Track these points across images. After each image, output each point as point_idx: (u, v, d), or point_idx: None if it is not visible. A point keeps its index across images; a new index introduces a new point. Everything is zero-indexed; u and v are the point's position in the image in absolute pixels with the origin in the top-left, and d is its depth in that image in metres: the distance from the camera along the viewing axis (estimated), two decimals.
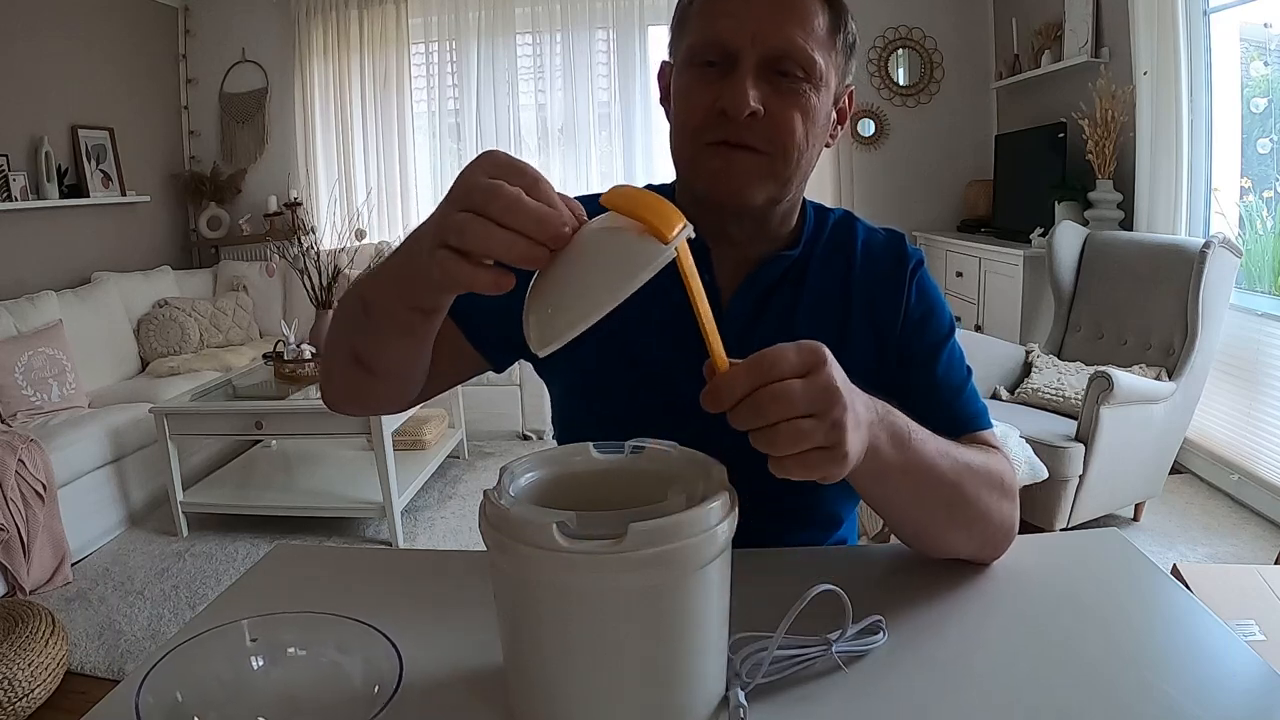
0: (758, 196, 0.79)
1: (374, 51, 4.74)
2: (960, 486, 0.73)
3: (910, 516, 0.76)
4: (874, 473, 0.64)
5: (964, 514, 0.75)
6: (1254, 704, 0.60)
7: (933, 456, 0.70)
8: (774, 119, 0.76)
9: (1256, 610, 1.60)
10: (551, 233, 0.51)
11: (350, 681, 0.56)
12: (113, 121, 4.28)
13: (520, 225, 0.50)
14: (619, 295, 0.48)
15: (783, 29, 0.75)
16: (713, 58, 0.76)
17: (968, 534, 0.77)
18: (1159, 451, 2.70)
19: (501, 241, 0.51)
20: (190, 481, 3.13)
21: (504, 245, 0.51)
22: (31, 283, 3.64)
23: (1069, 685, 0.61)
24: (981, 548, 0.79)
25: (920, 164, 4.66)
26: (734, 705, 0.56)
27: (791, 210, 0.86)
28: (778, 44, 0.74)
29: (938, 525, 0.76)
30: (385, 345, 0.71)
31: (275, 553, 0.89)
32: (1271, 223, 2.97)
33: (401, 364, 0.74)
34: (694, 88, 0.78)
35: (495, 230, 0.50)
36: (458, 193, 0.53)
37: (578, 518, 0.50)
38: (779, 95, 0.76)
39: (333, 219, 4.53)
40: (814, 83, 0.76)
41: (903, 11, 4.56)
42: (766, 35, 0.74)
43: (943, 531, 0.77)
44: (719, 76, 0.76)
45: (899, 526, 0.79)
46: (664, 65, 0.86)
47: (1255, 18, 2.95)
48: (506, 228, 0.50)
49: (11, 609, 2.14)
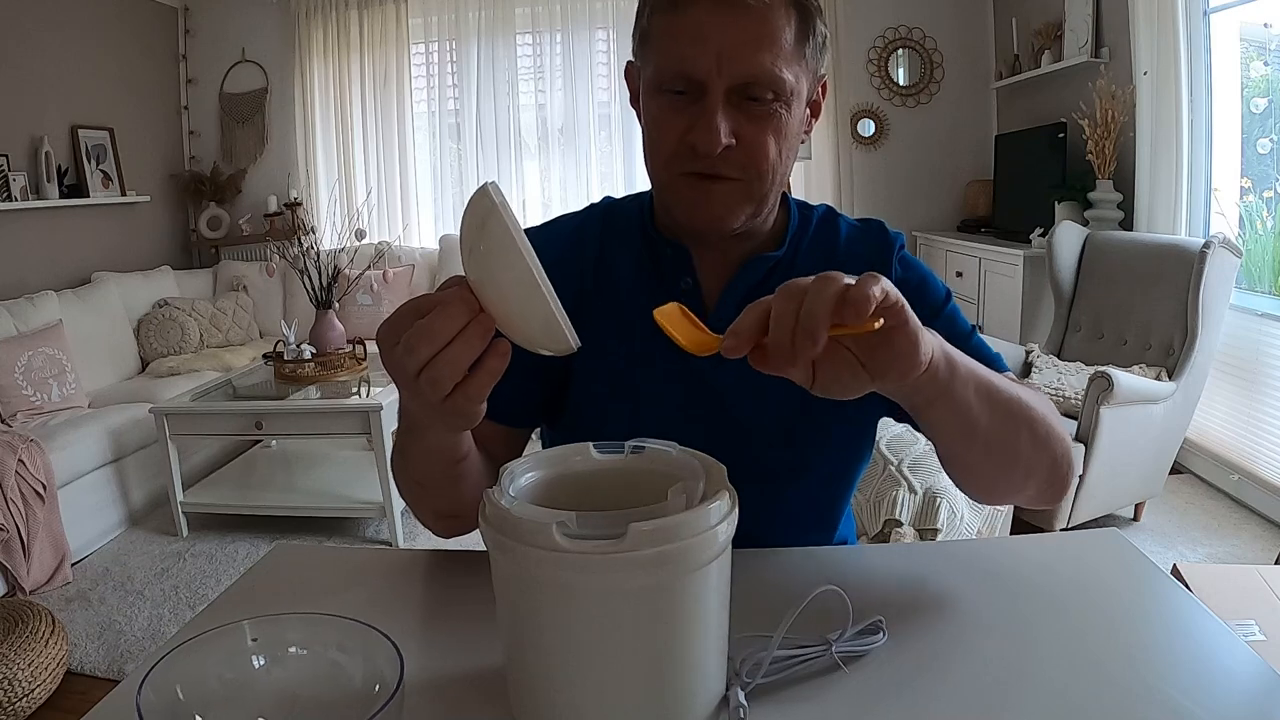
0: (736, 221, 0.79)
1: (374, 51, 4.74)
2: (1020, 400, 0.70)
3: (983, 438, 0.69)
4: (940, 388, 0.62)
5: (1028, 428, 0.71)
6: (1254, 704, 0.60)
7: (983, 370, 0.67)
8: (747, 146, 0.74)
9: (1256, 610, 1.60)
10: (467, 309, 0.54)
11: (351, 681, 0.56)
12: (113, 121, 4.28)
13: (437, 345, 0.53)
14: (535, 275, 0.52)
15: (750, 56, 0.71)
16: (680, 86, 0.74)
17: (1038, 448, 0.73)
18: (1159, 451, 2.70)
19: (432, 367, 0.54)
20: (190, 481, 3.13)
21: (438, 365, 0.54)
22: (31, 283, 3.64)
23: (1069, 685, 0.61)
24: (1054, 468, 0.75)
25: (920, 164, 4.66)
26: (734, 705, 0.56)
27: (772, 210, 0.85)
28: (746, 71, 0.72)
29: (1010, 443, 0.71)
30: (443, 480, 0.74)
31: (275, 553, 0.89)
32: (1271, 223, 2.97)
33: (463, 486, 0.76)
34: (663, 117, 0.76)
35: (424, 356, 0.54)
36: (397, 378, 0.57)
37: (578, 518, 0.50)
38: (751, 121, 0.74)
39: (333, 219, 4.53)
40: (785, 100, 0.74)
41: (903, 11, 4.56)
42: (733, 63, 0.71)
43: (1016, 449, 0.72)
44: (688, 104, 0.74)
45: (971, 458, 0.73)
46: (630, 66, 0.84)
47: (1255, 18, 2.95)
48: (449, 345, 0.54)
49: (11, 609, 2.14)
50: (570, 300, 0.85)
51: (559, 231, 0.91)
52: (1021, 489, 0.77)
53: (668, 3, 0.74)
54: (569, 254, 0.88)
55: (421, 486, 0.77)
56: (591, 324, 0.86)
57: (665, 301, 0.58)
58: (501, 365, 0.55)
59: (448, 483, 0.74)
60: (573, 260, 0.88)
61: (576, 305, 0.85)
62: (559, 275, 0.85)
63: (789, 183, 0.96)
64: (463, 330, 0.53)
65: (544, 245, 0.66)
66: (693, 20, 0.72)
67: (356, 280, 3.91)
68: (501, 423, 0.86)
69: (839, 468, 0.91)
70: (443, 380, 0.54)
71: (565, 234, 0.91)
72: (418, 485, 0.77)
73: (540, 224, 0.94)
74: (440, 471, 0.73)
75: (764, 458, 0.84)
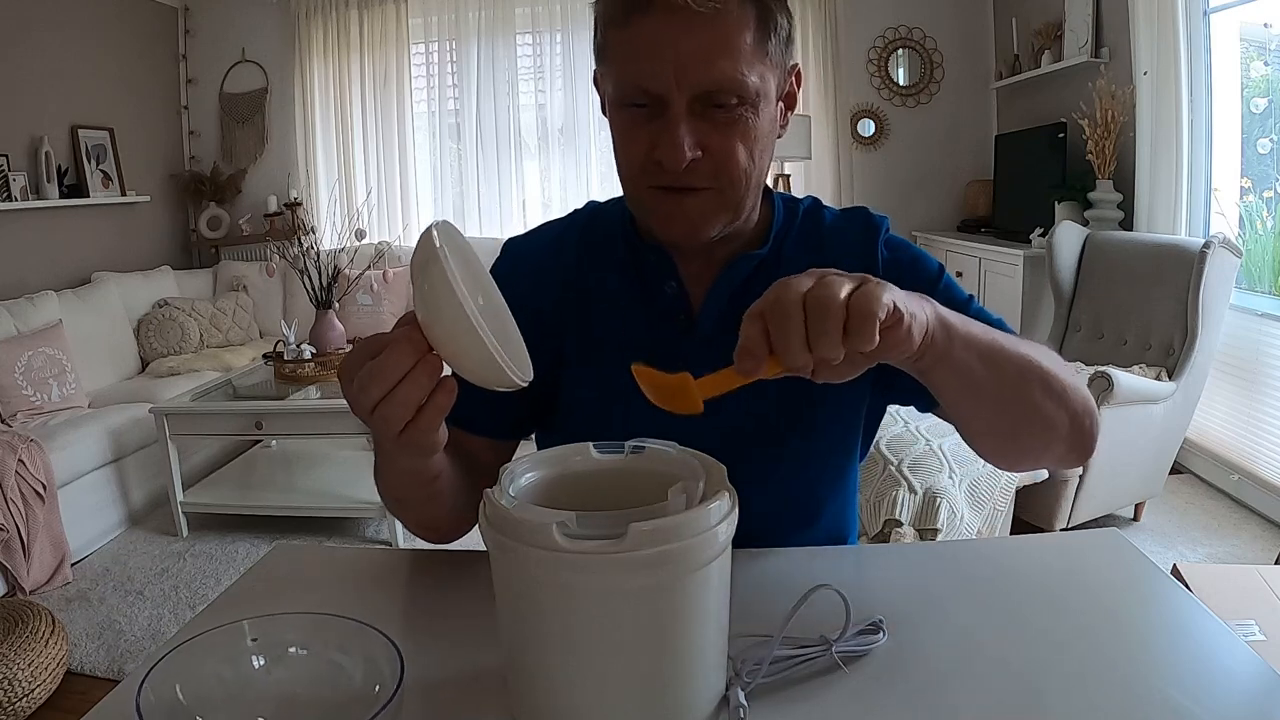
0: (713, 230, 0.78)
1: (374, 51, 4.74)
2: (1025, 353, 0.69)
3: (995, 397, 0.69)
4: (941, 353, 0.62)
5: (1042, 382, 0.70)
6: (1254, 704, 0.60)
7: (985, 329, 0.66)
8: (715, 156, 0.73)
9: (1256, 610, 1.60)
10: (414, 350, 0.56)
11: (351, 681, 0.56)
12: (113, 121, 4.28)
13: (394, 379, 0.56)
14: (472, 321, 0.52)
15: (709, 64, 0.69)
16: (640, 100, 0.72)
17: (1057, 402, 0.71)
18: (1159, 451, 2.70)
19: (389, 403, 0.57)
20: (190, 481, 3.13)
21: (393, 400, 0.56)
22: (31, 283, 3.64)
23: (1069, 685, 0.61)
24: (1074, 420, 0.73)
25: (920, 164, 4.66)
26: (734, 705, 0.56)
27: (753, 210, 0.83)
28: (706, 81, 0.69)
29: (1024, 401, 0.70)
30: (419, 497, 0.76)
31: (275, 553, 0.89)
32: (1271, 223, 2.97)
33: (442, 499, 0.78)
34: (628, 132, 0.75)
35: (377, 395, 0.56)
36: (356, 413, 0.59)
37: (578, 518, 0.50)
38: (717, 130, 0.72)
39: (333, 219, 4.52)
40: (751, 103, 0.72)
41: (903, 11, 4.56)
42: (692, 74, 0.69)
43: (1031, 406, 0.70)
44: (650, 118, 0.72)
45: (985, 419, 0.73)
46: (597, 74, 0.81)
47: (1255, 18, 2.95)
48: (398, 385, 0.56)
49: (11, 609, 2.14)
50: (549, 308, 0.85)
51: (541, 240, 0.92)
52: (1046, 449, 0.76)
53: (620, 16, 0.72)
54: (548, 262, 0.89)
55: (400, 503, 0.80)
56: (574, 331, 0.86)
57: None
58: (448, 402, 0.58)
59: (423, 500, 0.77)
60: (552, 269, 0.88)
61: (556, 314, 0.86)
62: (537, 285, 0.85)
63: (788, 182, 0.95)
64: (411, 371, 0.56)
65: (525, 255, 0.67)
66: (646, 33, 0.70)
67: (356, 280, 3.90)
68: (488, 437, 0.87)
69: (823, 460, 0.89)
70: (394, 419, 0.57)
71: (546, 242, 0.91)
72: (396, 502, 0.79)
73: (526, 231, 0.94)
74: (415, 490, 0.75)
75: (764, 457, 0.84)
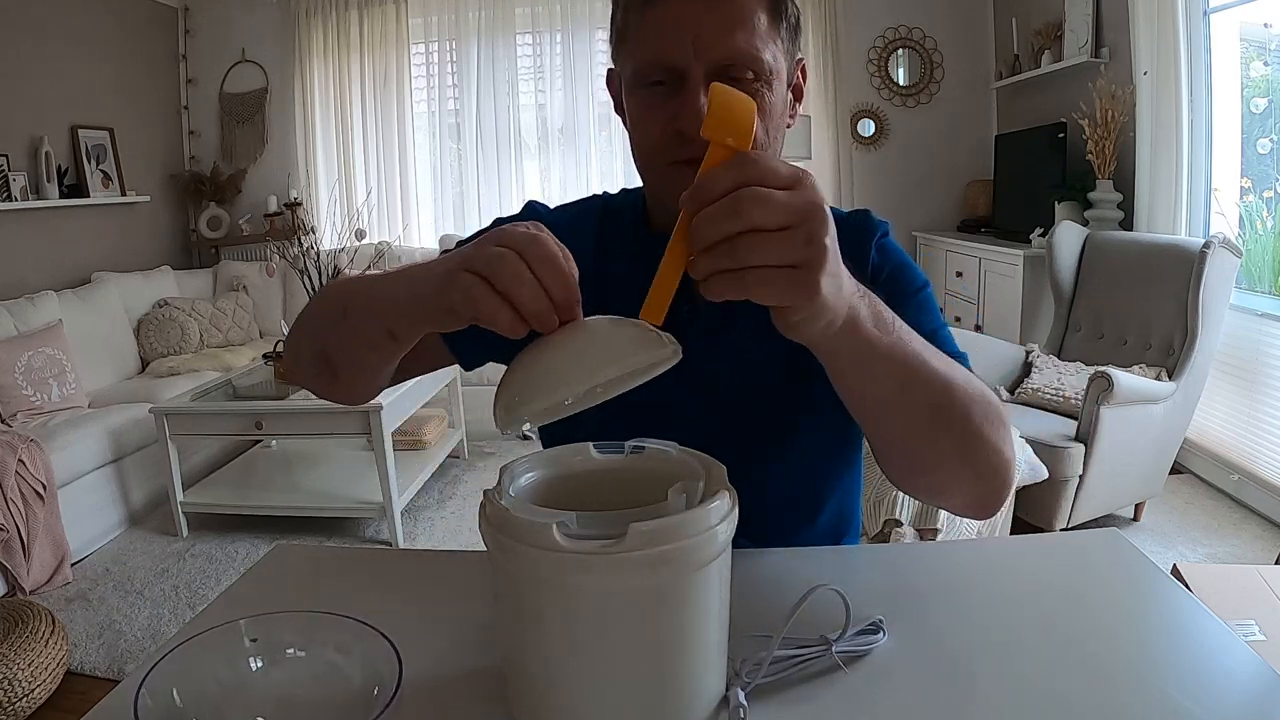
0: None
1: (374, 51, 4.74)
2: (950, 390, 0.64)
3: (897, 421, 0.66)
4: (855, 352, 0.59)
5: (955, 426, 0.65)
6: (1254, 704, 0.60)
7: (919, 350, 0.63)
8: None
9: (1256, 610, 1.60)
10: (572, 298, 0.53)
11: (350, 682, 0.56)
12: (113, 121, 4.28)
13: (549, 280, 0.53)
14: (597, 376, 0.51)
15: (725, 36, 0.73)
16: (659, 77, 0.75)
17: (961, 453, 0.67)
18: (1159, 451, 2.70)
19: (531, 286, 0.52)
20: (190, 481, 3.13)
21: (531, 292, 0.52)
22: (31, 283, 3.64)
23: (1069, 685, 0.61)
24: (978, 479, 0.69)
25: (920, 164, 4.66)
26: (734, 705, 0.56)
27: None
28: (722, 53, 0.73)
29: (926, 435, 0.66)
30: (354, 354, 0.71)
31: (275, 553, 0.89)
32: (1271, 223, 2.97)
33: (366, 373, 0.75)
34: (646, 109, 0.77)
35: (528, 274, 0.52)
36: (495, 235, 0.54)
37: (578, 518, 0.50)
38: None
39: (333, 219, 4.53)
40: (765, 80, 0.75)
41: (903, 11, 4.56)
42: (709, 46, 0.73)
43: (933, 445, 0.66)
44: (669, 94, 0.75)
45: (885, 438, 0.70)
46: (611, 74, 0.85)
47: (1255, 18, 2.95)
48: (536, 278, 0.52)
49: (11, 609, 2.14)
50: None
51: (562, 217, 0.91)
52: (940, 492, 0.73)
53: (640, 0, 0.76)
54: (568, 241, 0.87)
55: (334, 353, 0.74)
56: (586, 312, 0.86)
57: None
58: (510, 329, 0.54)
59: (359, 365, 0.73)
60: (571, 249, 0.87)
61: None
62: None
63: None
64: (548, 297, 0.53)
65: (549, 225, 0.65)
66: (666, 11, 0.74)
67: None
68: (457, 359, 0.86)
69: (826, 448, 0.89)
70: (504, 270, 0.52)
71: (566, 220, 0.91)
72: (327, 348, 0.74)
73: (554, 207, 0.93)
74: (366, 355, 0.70)
75: (765, 458, 0.84)
